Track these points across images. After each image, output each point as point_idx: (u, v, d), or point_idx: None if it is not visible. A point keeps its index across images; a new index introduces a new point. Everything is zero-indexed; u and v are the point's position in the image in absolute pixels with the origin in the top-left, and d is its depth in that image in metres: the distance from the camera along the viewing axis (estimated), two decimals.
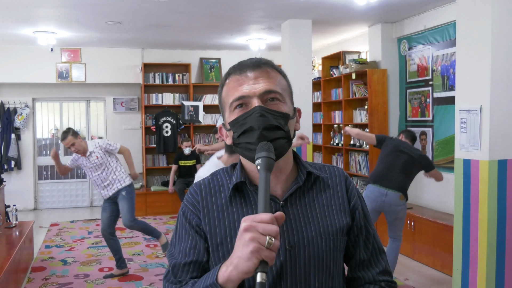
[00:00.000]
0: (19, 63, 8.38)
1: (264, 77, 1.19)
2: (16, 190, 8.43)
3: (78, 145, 4.87)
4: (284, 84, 1.23)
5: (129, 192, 5.06)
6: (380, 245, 1.33)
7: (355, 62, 6.79)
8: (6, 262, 4.12)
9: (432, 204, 6.06)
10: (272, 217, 0.97)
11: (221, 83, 1.26)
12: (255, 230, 0.96)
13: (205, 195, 1.25)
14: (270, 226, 0.96)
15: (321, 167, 1.32)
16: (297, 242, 1.18)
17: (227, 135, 1.25)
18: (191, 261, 1.19)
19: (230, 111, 1.20)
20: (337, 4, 5.64)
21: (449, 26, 5.67)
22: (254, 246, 0.95)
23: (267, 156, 1.08)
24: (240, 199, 1.22)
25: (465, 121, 4.02)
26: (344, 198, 1.28)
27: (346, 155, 7.29)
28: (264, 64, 1.22)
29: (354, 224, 1.27)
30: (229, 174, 1.28)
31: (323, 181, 1.28)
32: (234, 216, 1.20)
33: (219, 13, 6.10)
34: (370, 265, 1.29)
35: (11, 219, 5.74)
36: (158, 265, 5.49)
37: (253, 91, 1.17)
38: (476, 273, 3.94)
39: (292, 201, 1.22)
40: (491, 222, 3.84)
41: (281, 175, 1.23)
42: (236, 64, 1.25)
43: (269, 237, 0.95)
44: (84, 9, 5.81)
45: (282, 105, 1.19)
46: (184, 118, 8.77)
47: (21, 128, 8.73)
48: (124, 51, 8.84)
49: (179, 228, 1.26)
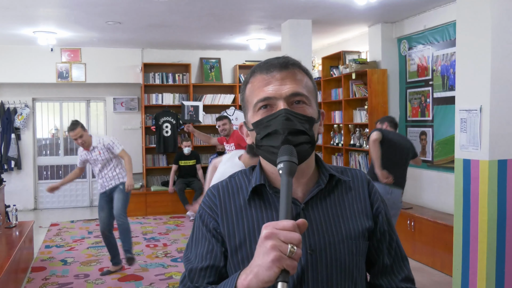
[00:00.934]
0: (19, 63, 8.39)
1: (291, 79, 1.15)
2: (16, 190, 8.43)
3: (86, 138, 4.96)
4: (310, 86, 1.20)
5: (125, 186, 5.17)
6: (403, 252, 1.29)
7: (355, 62, 6.79)
8: (6, 262, 4.12)
9: (432, 204, 6.05)
10: (294, 224, 0.93)
11: (246, 80, 1.23)
12: (277, 238, 0.92)
13: (223, 197, 1.22)
14: (292, 234, 0.92)
15: (342, 170, 1.28)
16: (318, 247, 1.15)
17: (247, 134, 1.22)
18: (207, 265, 1.17)
19: (254, 111, 1.17)
20: (337, 4, 5.64)
21: (449, 26, 5.67)
22: (275, 254, 0.91)
23: (290, 160, 1.05)
24: (259, 201, 1.19)
25: (465, 121, 4.02)
26: (367, 202, 1.24)
27: (346, 155, 7.29)
28: (292, 65, 1.18)
29: (377, 228, 1.24)
30: (248, 176, 1.25)
31: (345, 184, 1.24)
32: (253, 219, 1.17)
33: (219, 13, 6.10)
34: (392, 272, 1.25)
35: (11, 219, 5.74)
36: (158, 265, 5.49)
37: (279, 92, 1.13)
38: (476, 273, 3.94)
39: (313, 204, 1.19)
40: (491, 222, 3.84)
41: (303, 177, 1.20)
42: (263, 62, 1.21)
43: (291, 245, 0.91)
44: (84, 9, 5.81)
45: (307, 108, 1.16)
46: (184, 118, 8.77)
47: (21, 128, 8.73)
48: (124, 51, 8.84)
49: (196, 232, 1.23)
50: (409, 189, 6.14)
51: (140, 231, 7.20)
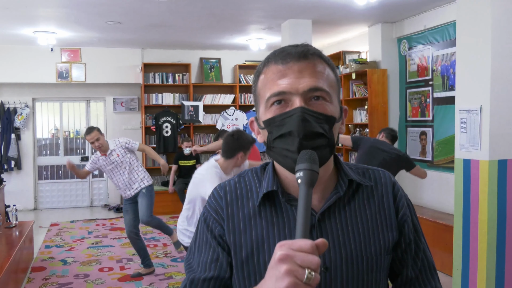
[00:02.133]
0: (19, 63, 8.39)
1: (310, 71, 1.01)
2: (16, 190, 8.43)
3: (102, 141, 4.93)
4: (332, 80, 1.05)
5: (149, 191, 5.14)
6: (431, 261, 1.16)
7: (355, 62, 6.80)
8: (6, 262, 4.12)
9: (432, 204, 6.06)
10: (313, 245, 0.79)
11: (258, 70, 1.08)
12: (293, 262, 0.78)
13: (230, 200, 1.10)
14: (310, 257, 0.78)
15: (364, 171, 1.14)
16: (333, 263, 1.03)
17: (258, 132, 1.08)
18: (211, 276, 1.06)
19: (266, 107, 1.03)
20: (337, 4, 5.64)
21: (449, 26, 5.67)
22: (290, 281, 0.77)
23: (311, 169, 0.91)
24: (270, 209, 1.07)
25: (465, 121, 4.02)
26: (391, 209, 1.10)
27: (346, 155, 7.29)
28: (312, 54, 1.03)
29: (402, 238, 1.11)
30: (259, 177, 1.11)
31: (367, 190, 1.10)
32: (263, 229, 1.05)
33: (219, 13, 6.10)
34: (418, 284, 1.13)
35: (11, 219, 5.74)
36: (158, 265, 5.49)
37: (296, 87, 0.99)
38: (476, 273, 3.94)
39: (330, 214, 1.05)
40: (491, 222, 3.84)
41: (319, 183, 1.05)
42: (278, 50, 1.05)
43: (309, 270, 0.77)
44: (84, 9, 5.81)
45: (328, 105, 1.02)
46: (184, 118, 8.78)
47: (21, 128, 8.74)
48: (124, 51, 8.84)
49: (199, 236, 1.11)
50: (409, 189, 6.14)
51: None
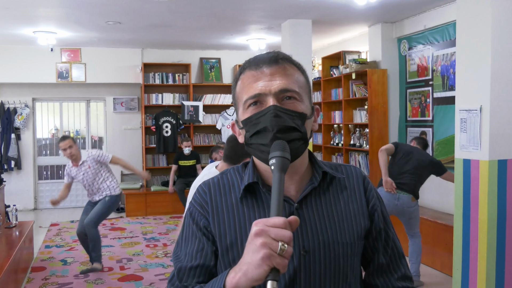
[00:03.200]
0: (19, 63, 8.38)
1: (281, 74, 1.12)
2: (16, 190, 8.43)
3: (75, 150, 5.06)
4: (302, 81, 1.16)
5: (111, 200, 5.23)
6: (400, 249, 1.26)
7: (355, 62, 6.80)
8: (6, 262, 4.13)
9: (432, 204, 6.05)
10: (285, 221, 0.91)
11: (235, 77, 1.20)
12: (267, 235, 0.89)
13: (214, 195, 1.18)
14: (283, 231, 0.90)
15: (337, 166, 1.25)
16: (312, 247, 1.12)
17: (239, 133, 1.18)
18: (197, 265, 1.13)
19: (244, 109, 1.14)
20: (337, 4, 5.64)
21: (449, 26, 5.67)
22: (265, 252, 0.88)
23: (282, 156, 1.02)
24: (251, 200, 1.16)
25: (465, 121, 4.02)
26: (362, 200, 1.21)
27: (346, 155, 7.29)
28: (282, 59, 1.15)
29: (373, 227, 1.20)
30: (240, 174, 1.21)
31: (340, 182, 1.21)
32: (245, 218, 1.14)
33: (219, 13, 6.10)
34: (389, 271, 1.22)
35: (11, 219, 5.74)
36: (158, 265, 5.49)
37: (269, 88, 1.10)
38: (476, 273, 3.94)
39: (307, 203, 1.15)
40: (491, 222, 3.84)
41: (295, 175, 1.16)
42: (252, 58, 1.18)
43: (282, 243, 0.89)
44: (84, 9, 5.81)
45: (299, 104, 1.12)
46: (184, 118, 8.78)
47: (21, 128, 8.73)
48: (124, 51, 8.84)
49: (185, 229, 1.19)
50: None
51: (140, 231, 7.20)
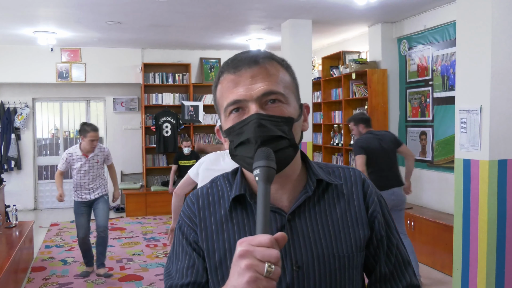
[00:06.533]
0: (19, 63, 8.38)
1: (263, 75, 1.01)
2: (16, 190, 8.43)
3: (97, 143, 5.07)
4: (287, 81, 1.05)
5: (108, 199, 5.29)
6: (405, 256, 1.15)
7: (355, 62, 6.80)
8: (6, 262, 4.13)
9: (432, 204, 6.06)
10: (271, 239, 0.82)
11: (215, 82, 1.09)
12: (252, 256, 0.81)
13: (202, 206, 1.11)
14: (269, 251, 0.81)
15: (334, 169, 1.15)
16: (305, 262, 1.03)
17: (225, 140, 1.08)
18: (188, 282, 1.07)
19: (226, 116, 1.04)
20: (337, 4, 5.64)
21: (449, 26, 5.67)
22: (250, 275, 0.80)
23: (267, 166, 0.92)
24: (241, 212, 1.08)
25: (465, 121, 4.02)
26: (361, 206, 1.11)
27: (346, 155, 7.29)
28: (263, 58, 1.04)
29: (374, 235, 1.11)
30: (230, 182, 1.12)
31: (337, 189, 1.11)
32: (235, 233, 1.06)
33: (219, 13, 6.10)
34: (393, 280, 1.13)
35: (11, 219, 5.74)
36: (158, 265, 5.49)
37: (250, 93, 1.00)
38: (476, 273, 3.94)
39: (300, 214, 1.06)
40: (491, 222, 3.84)
41: (288, 183, 1.07)
42: (231, 59, 1.07)
43: (269, 264, 0.80)
44: (84, 9, 5.81)
45: (284, 107, 1.02)
46: (184, 118, 8.78)
47: (21, 128, 8.74)
48: (124, 51, 8.84)
49: (176, 244, 1.13)
50: None
51: (140, 231, 7.20)
